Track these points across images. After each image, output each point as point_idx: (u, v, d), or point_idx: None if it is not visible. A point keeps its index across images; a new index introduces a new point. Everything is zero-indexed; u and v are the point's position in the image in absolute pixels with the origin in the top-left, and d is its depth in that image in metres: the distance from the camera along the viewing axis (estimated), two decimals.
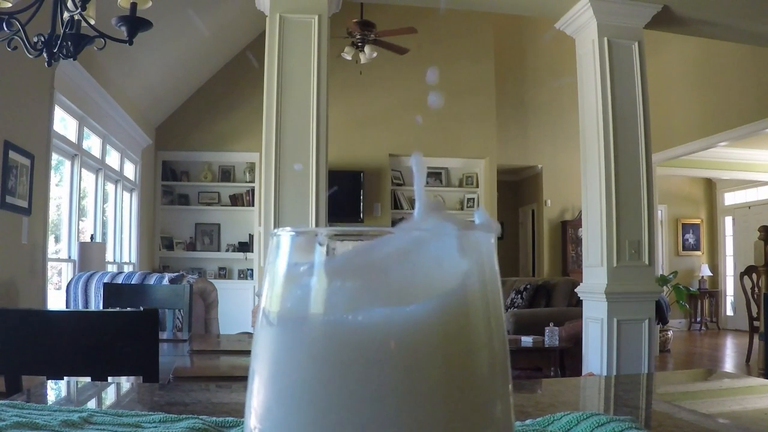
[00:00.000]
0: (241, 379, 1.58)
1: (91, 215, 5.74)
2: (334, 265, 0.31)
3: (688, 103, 7.58)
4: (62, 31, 2.14)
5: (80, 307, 3.90)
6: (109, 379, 1.43)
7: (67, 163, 5.07)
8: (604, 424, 0.61)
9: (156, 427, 0.64)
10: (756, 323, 6.52)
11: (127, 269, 6.62)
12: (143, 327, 1.37)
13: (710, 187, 10.54)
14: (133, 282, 3.85)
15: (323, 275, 0.30)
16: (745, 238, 9.06)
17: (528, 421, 0.65)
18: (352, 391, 0.29)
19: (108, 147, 6.11)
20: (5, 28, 2.11)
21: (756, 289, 6.31)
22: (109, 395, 0.94)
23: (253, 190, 7.99)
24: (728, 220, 10.32)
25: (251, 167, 8.00)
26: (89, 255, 4.95)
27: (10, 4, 2.12)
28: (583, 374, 3.75)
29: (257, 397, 0.31)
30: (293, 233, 0.32)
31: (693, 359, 7.24)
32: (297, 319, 0.31)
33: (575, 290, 4.04)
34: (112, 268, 6.12)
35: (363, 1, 5.57)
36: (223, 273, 7.93)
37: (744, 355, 6.87)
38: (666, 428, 0.70)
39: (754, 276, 6.29)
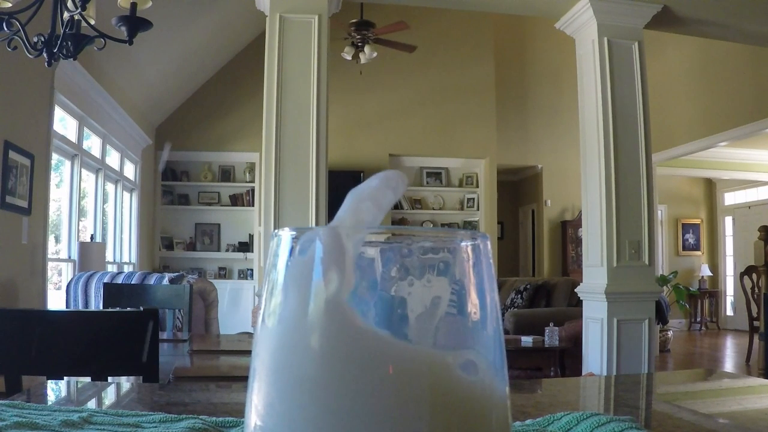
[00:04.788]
0: (241, 379, 1.58)
1: (91, 215, 5.74)
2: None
3: (688, 103, 7.58)
4: (62, 31, 2.13)
5: (80, 307, 3.90)
6: (109, 379, 1.43)
7: (67, 163, 5.07)
8: (604, 424, 0.61)
9: (156, 427, 0.64)
10: (756, 323, 6.51)
11: (127, 269, 6.62)
12: (143, 327, 1.37)
13: (710, 187, 10.54)
14: (133, 282, 3.85)
15: (324, 274, 0.31)
16: (745, 238, 9.06)
17: (528, 421, 0.65)
18: (353, 388, 0.29)
19: (108, 147, 6.11)
20: (5, 28, 2.11)
21: (756, 289, 6.31)
22: (109, 395, 0.94)
23: (253, 190, 7.99)
24: (728, 220, 10.32)
25: (251, 167, 8.00)
26: (89, 255, 4.95)
27: (10, 4, 2.12)
28: (583, 374, 3.75)
29: (258, 394, 0.31)
30: (294, 233, 0.32)
31: (693, 359, 7.24)
32: (298, 318, 0.31)
33: (575, 290, 4.04)
34: (112, 268, 6.12)
35: (363, 0, 5.57)
36: (223, 273, 7.93)
37: (744, 355, 6.88)
38: (666, 428, 0.70)
39: (754, 276, 6.29)
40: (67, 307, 4.00)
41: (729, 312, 10.15)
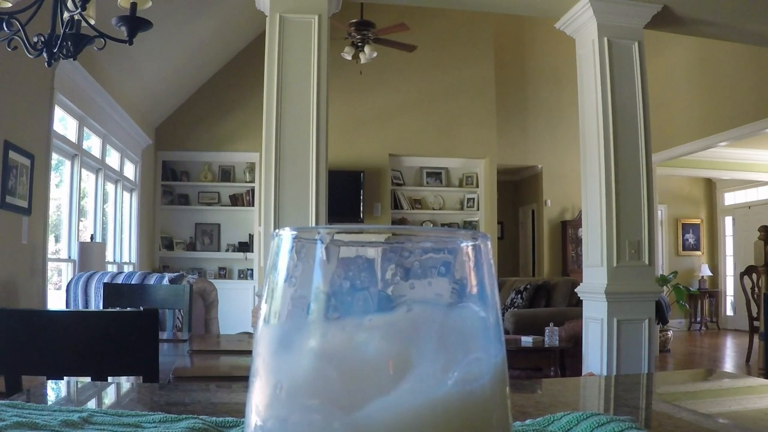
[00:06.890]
0: (241, 379, 1.59)
1: (91, 215, 5.74)
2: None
3: (688, 103, 7.58)
4: (62, 31, 2.13)
5: (80, 307, 3.90)
6: (109, 379, 1.43)
7: (67, 163, 5.07)
8: (604, 424, 0.61)
9: (156, 427, 0.64)
10: (756, 323, 6.52)
11: (127, 269, 6.62)
12: (143, 327, 1.37)
13: (710, 187, 10.55)
14: (133, 282, 3.85)
15: (325, 275, 0.31)
16: (745, 238, 9.06)
17: (528, 421, 0.65)
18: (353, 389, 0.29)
19: (108, 147, 6.11)
20: (5, 28, 2.11)
21: (756, 289, 6.31)
22: (109, 395, 0.94)
23: (253, 190, 7.99)
24: (728, 220, 10.32)
25: (251, 167, 8.00)
26: (89, 255, 4.95)
27: (10, 4, 2.12)
28: (583, 374, 3.75)
29: (259, 395, 0.31)
30: (294, 233, 0.32)
31: (693, 359, 7.24)
32: (299, 318, 0.31)
33: (575, 290, 4.04)
34: (112, 268, 6.12)
35: (363, 0, 5.57)
36: (223, 273, 7.93)
37: (744, 355, 6.88)
38: (666, 428, 0.70)
39: (754, 276, 6.29)
40: (67, 307, 4.00)
41: (729, 312, 10.15)
